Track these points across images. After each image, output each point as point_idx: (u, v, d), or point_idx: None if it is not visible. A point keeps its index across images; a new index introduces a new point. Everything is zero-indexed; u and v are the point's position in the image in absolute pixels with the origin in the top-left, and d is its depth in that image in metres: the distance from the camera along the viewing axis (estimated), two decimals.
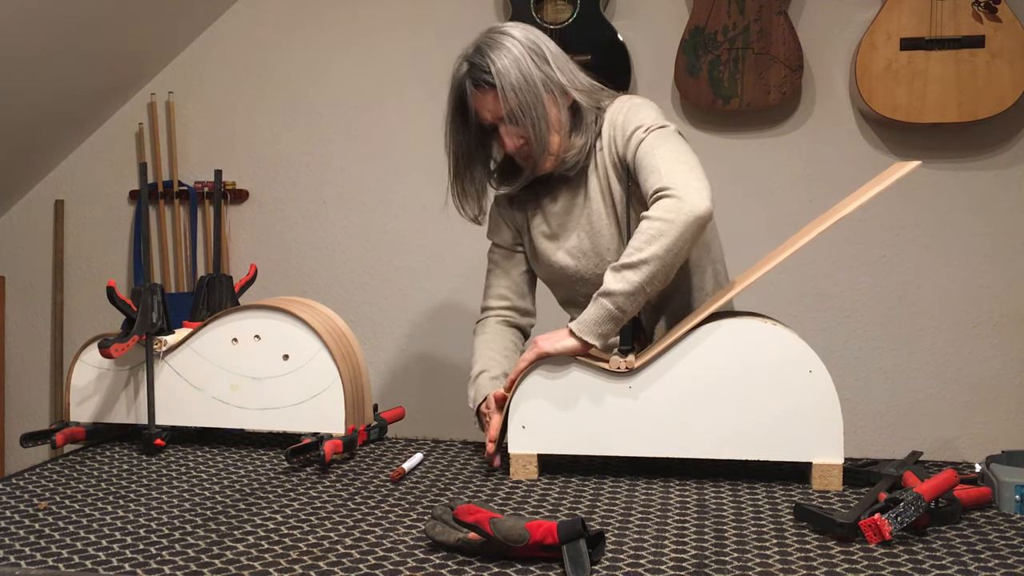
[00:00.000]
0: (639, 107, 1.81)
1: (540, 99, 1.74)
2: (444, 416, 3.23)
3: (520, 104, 1.73)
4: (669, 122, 1.79)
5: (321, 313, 1.92)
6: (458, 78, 1.78)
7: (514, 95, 1.72)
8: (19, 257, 3.44)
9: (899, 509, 1.30)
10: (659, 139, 1.73)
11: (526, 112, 1.73)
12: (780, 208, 2.97)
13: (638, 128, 1.75)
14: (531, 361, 1.64)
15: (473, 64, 1.75)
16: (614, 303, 1.61)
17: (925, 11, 2.73)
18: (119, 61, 3.16)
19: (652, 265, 1.60)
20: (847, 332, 2.96)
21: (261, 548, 1.34)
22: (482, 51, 1.74)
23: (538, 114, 1.74)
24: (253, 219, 3.29)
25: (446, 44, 3.14)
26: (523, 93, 1.72)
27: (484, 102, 1.76)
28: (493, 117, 1.77)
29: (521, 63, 1.73)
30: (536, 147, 1.77)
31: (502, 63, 1.72)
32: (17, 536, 1.40)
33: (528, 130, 1.75)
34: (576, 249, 1.86)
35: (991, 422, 2.92)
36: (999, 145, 2.88)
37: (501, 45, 1.74)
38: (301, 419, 1.84)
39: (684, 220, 1.60)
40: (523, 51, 1.74)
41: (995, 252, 2.89)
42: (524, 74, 1.72)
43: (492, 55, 1.73)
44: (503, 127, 1.77)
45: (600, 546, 1.29)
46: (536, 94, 1.74)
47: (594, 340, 1.62)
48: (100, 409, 1.94)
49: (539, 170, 1.82)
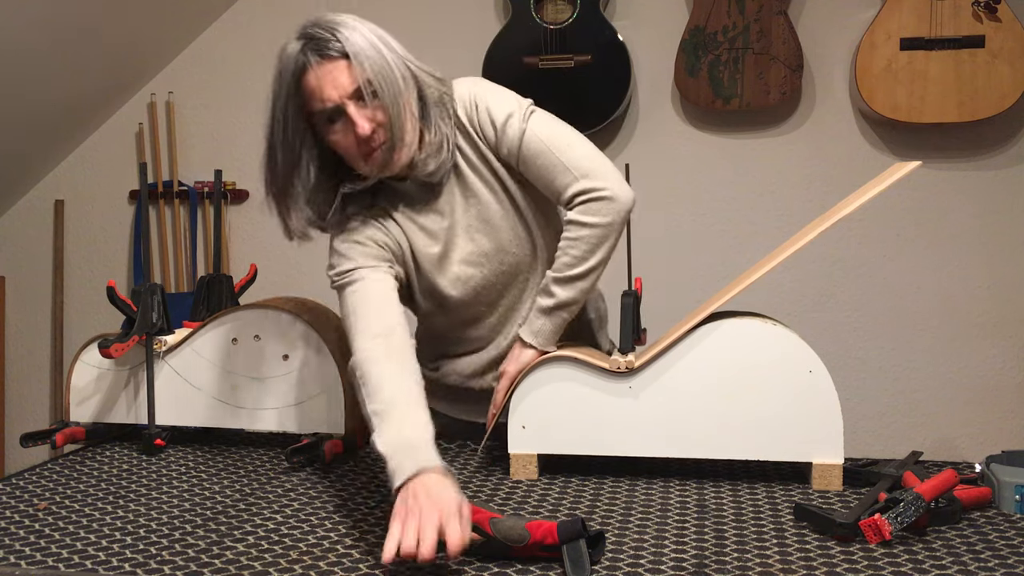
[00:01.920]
0: (491, 92, 1.65)
1: (395, 73, 1.51)
2: None
3: (377, 74, 1.49)
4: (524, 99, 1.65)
5: (321, 313, 1.92)
6: (292, 55, 1.51)
7: (369, 63, 1.48)
8: (19, 257, 3.44)
9: (899, 509, 1.30)
10: (539, 126, 1.61)
11: (384, 84, 1.49)
12: (780, 208, 2.97)
13: (509, 117, 1.61)
14: (508, 388, 1.66)
15: (313, 36, 1.50)
16: (569, 312, 1.66)
17: (925, 11, 2.73)
18: (119, 61, 3.16)
19: (597, 272, 1.65)
20: (847, 332, 2.96)
21: (261, 548, 1.34)
22: (321, 25, 1.51)
23: (395, 89, 1.50)
24: (253, 219, 3.29)
25: (446, 44, 3.16)
26: (377, 63, 1.49)
27: (331, 76, 1.49)
28: (341, 95, 1.50)
29: (370, 36, 1.51)
30: (395, 129, 1.52)
31: (350, 33, 1.49)
32: (17, 536, 1.40)
33: (386, 106, 1.50)
34: (474, 254, 1.68)
35: (991, 422, 2.92)
36: (999, 145, 2.88)
37: (342, 22, 1.52)
38: (301, 419, 1.84)
39: (621, 219, 1.62)
40: (368, 27, 1.53)
41: (995, 252, 2.89)
42: (375, 46, 1.50)
43: (336, 28, 1.50)
44: (353, 106, 1.50)
45: (600, 546, 1.29)
46: (391, 66, 1.50)
47: (551, 348, 1.67)
48: (100, 409, 1.94)
49: (393, 164, 1.56)
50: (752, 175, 2.99)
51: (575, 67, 2.90)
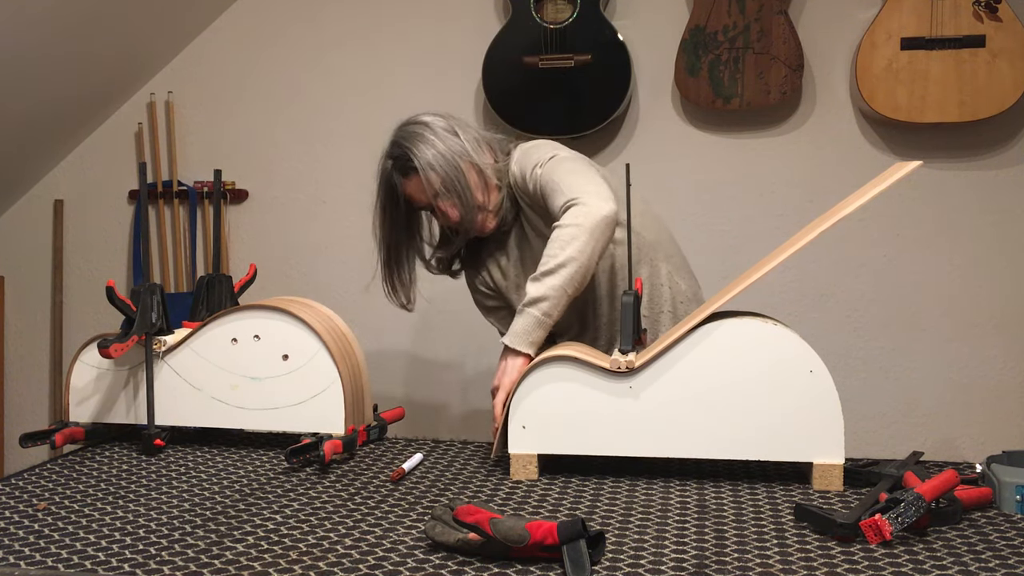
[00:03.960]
0: (530, 151, 1.97)
1: (459, 169, 1.93)
2: (444, 416, 3.23)
3: (443, 179, 1.92)
4: (562, 150, 1.95)
5: (321, 313, 1.92)
6: (386, 174, 1.98)
7: (434, 175, 1.91)
8: (19, 257, 3.44)
9: (900, 509, 1.30)
10: (553, 166, 1.89)
11: (449, 185, 1.92)
12: (780, 208, 2.97)
13: (535, 166, 1.91)
14: (504, 402, 1.70)
15: (395, 158, 1.95)
16: (540, 310, 1.75)
17: (925, 11, 2.73)
18: (119, 61, 3.16)
19: (569, 268, 1.74)
20: (848, 332, 2.96)
21: (261, 548, 1.34)
22: (400, 144, 1.95)
23: (461, 184, 1.92)
24: (253, 219, 3.28)
25: (447, 44, 3.16)
26: (442, 171, 1.92)
27: (414, 187, 1.95)
28: (427, 197, 1.95)
29: (439, 145, 1.93)
30: (465, 215, 1.94)
31: (419, 149, 1.92)
32: (17, 536, 1.40)
33: (455, 198, 1.93)
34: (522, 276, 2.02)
35: (991, 422, 2.91)
36: (1000, 145, 2.88)
37: (415, 134, 1.94)
38: (301, 419, 1.84)
39: (592, 222, 1.74)
40: (439, 131, 1.95)
41: (996, 252, 2.89)
42: (440, 154, 1.92)
43: (410, 146, 1.93)
44: (439, 203, 1.94)
45: (600, 546, 1.29)
46: (455, 165, 1.93)
47: (527, 349, 1.75)
48: (99, 409, 1.94)
49: (482, 230, 1.99)
50: (752, 175, 2.99)
51: (575, 67, 2.90)
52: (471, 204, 1.94)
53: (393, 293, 2.08)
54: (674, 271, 2.05)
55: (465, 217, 1.95)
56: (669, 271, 2.03)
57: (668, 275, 2.03)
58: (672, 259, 2.06)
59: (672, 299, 2.02)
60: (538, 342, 1.75)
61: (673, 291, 2.03)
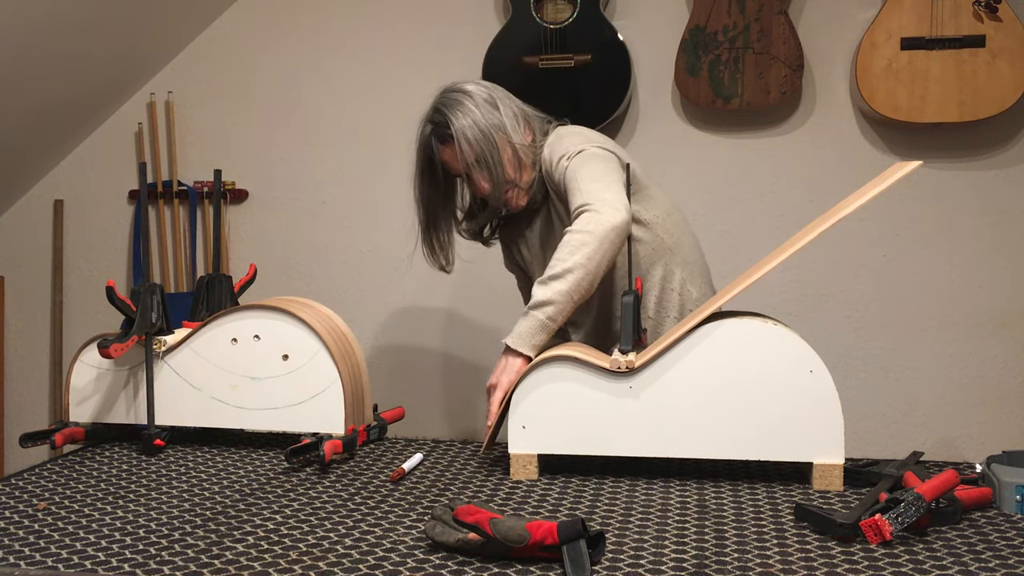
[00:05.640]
0: (563, 137, 1.98)
1: (494, 143, 1.94)
2: (444, 416, 3.23)
3: (476, 151, 1.93)
4: (593, 144, 1.94)
5: (321, 313, 1.92)
6: (424, 138, 1.99)
7: (468, 146, 1.93)
8: (19, 257, 3.44)
9: (900, 509, 1.30)
10: (579, 162, 1.89)
11: (481, 157, 1.94)
12: (780, 208, 2.97)
13: (562, 157, 1.92)
14: (502, 400, 1.71)
15: (435, 123, 1.97)
16: (544, 314, 1.75)
17: (926, 11, 2.73)
18: (118, 61, 3.16)
19: (576, 274, 1.74)
20: (848, 332, 2.96)
21: (261, 548, 1.34)
22: (440, 111, 1.96)
23: (495, 159, 1.94)
24: (253, 219, 3.28)
25: (447, 44, 3.16)
26: (477, 144, 1.93)
27: (450, 155, 1.97)
28: (462, 166, 1.96)
29: (473, 113, 1.94)
30: (495, 186, 1.95)
31: (456, 117, 1.94)
32: (17, 536, 1.40)
33: (486, 171, 1.94)
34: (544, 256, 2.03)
35: (991, 422, 2.91)
36: (1000, 145, 2.87)
37: (456, 101, 1.96)
38: (301, 419, 1.84)
39: (602, 231, 1.74)
40: (475, 101, 1.95)
41: (996, 252, 2.89)
42: (476, 125, 1.93)
43: (448, 112, 1.95)
44: (472, 173, 1.96)
45: (600, 546, 1.29)
46: (491, 139, 1.94)
47: (529, 351, 1.74)
48: (99, 409, 1.94)
49: (511, 205, 2.01)
50: (752, 175, 2.99)
51: (575, 67, 2.90)
52: (501, 179, 1.95)
53: (431, 255, 2.11)
54: (688, 278, 2.03)
55: (495, 191, 1.96)
56: (683, 278, 2.02)
57: (681, 281, 2.02)
58: (689, 266, 2.05)
59: (681, 306, 2.01)
60: (539, 345, 1.75)
61: (683, 298, 2.02)
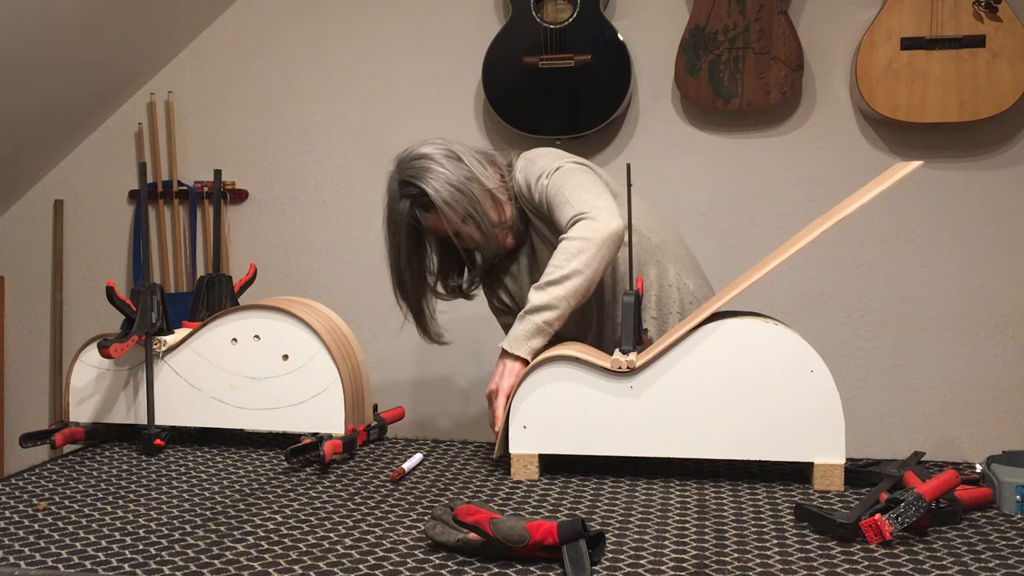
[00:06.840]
0: (534, 160, 1.98)
1: (472, 195, 1.92)
2: (444, 416, 3.23)
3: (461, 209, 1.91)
4: (566, 160, 1.95)
5: (321, 313, 1.92)
6: (406, 214, 1.94)
7: (452, 211, 1.90)
8: (19, 257, 3.44)
9: (900, 509, 1.30)
10: (560, 178, 1.89)
11: (467, 213, 1.92)
12: (780, 208, 2.97)
13: (540, 176, 1.92)
14: (505, 405, 1.70)
15: (412, 196, 1.92)
16: (541, 318, 1.75)
17: (926, 11, 2.72)
18: (119, 61, 3.16)
19: (574, 280, 1.75)
20: (848, 332, 2.96)
21: (261, 548, 1.34)
22: (410, 183, 1.92)
23: (478, 210, 1.92)
24: (253, 219, 3.28)
25: (447, 44, 3.16)
26: (459, 205, 1.90)
27: (435, 221, 1.94)
28: (449, 228, 1.93)
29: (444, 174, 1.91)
30: (486, 234, 1.94)
31: (434, 184, 1.90)
32: (17, 536, 1.40)
33: (474, 224, 1.93)
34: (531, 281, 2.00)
35: (991, 422, 2.91)
36: (1000, 145, 2.87)
37: (422, 168, 1.92)
38: (301, 419, 1.84)
39: (600, 237, 1.76)
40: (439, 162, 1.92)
41: (996, 252, 2.89)
42: (453, 186, 1.90)
43: (420, 181, 1.91)
44: (462, 230, 1.93)
45: (600, 546, 1.29)
46: (468, 193, 1.91)
47: (526, 355, 1.74)
48: (99, 409, 1.94)
49: (501, 247, 2.00)
50: (752, 175, 2.99)
51: (575, 67, 2.90)
52: (490, 226, 1.94)
53: (426, 334, 2.09)
54: (682, 272, 2.04)
55: (487, 240, 1.95)
56: (677, 272, 2.03)
57: (676, 276, 2.03)
58: (680, 260, 2.06)
59: (681, 300, 2.02)
60: (536, 349, 1.75)
61: (682, 292, 2.02)
